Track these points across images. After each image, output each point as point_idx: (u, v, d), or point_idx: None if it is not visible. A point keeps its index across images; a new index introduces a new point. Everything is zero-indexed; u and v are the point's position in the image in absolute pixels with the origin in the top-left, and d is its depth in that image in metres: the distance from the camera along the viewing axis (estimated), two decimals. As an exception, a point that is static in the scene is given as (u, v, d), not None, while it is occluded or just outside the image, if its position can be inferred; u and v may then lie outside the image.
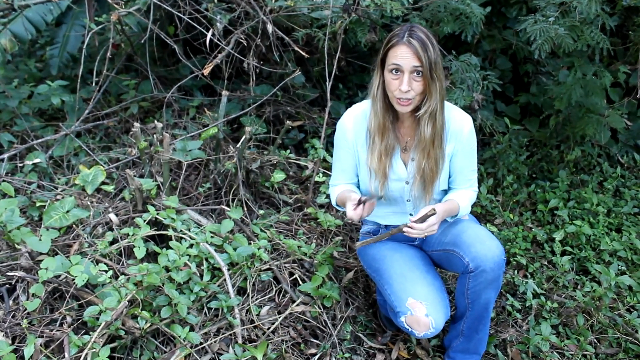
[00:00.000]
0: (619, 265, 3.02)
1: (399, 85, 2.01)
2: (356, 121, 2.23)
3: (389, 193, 2.25)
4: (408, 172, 2.23)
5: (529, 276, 3.00)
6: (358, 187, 2.37)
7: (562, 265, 2.97)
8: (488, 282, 2.10)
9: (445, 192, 2.32)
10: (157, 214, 2.62)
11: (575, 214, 3.42)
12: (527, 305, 2.77)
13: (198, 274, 2.46)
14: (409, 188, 2.25)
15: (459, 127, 2.17)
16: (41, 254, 2.48)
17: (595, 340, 2.64)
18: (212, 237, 2.64)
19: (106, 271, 2.25)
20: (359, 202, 2.08)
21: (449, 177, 2.28)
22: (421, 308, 2.09)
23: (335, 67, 3.28)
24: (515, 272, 2.97)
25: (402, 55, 1.99)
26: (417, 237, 2.02)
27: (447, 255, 2.22)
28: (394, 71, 2.02)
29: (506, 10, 3.90)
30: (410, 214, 2.32)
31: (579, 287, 2.95)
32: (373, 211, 2.40)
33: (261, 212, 3.07)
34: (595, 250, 3.19)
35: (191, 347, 2.23)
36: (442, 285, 2.23)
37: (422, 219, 2.01)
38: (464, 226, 2.21)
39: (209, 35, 3.20)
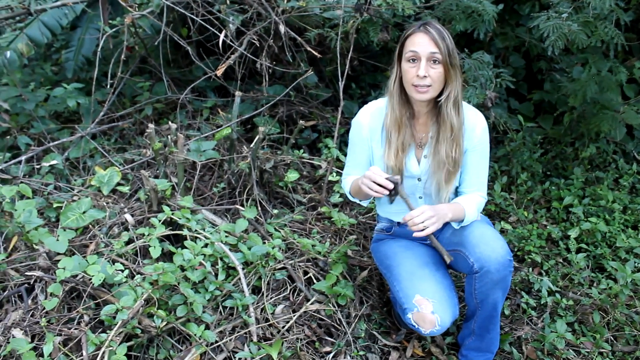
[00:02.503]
0: (635, 262, 2.99)
1: (416, 72, 2.03)
2: (372, 118, 2.25)
3: (402, 189, 2.26)
4: (421, 169, 2.23)
5: (544, 274, 2.98)
6: None
7: (578, 262, 2.95)
8: (494, 283, 2.09)
9: (456, 194, 2.33)
10: (172, 214, 2.64)
11: (590, 211, 3.40)
12: (542, 302, 2.75)
13: (213, 273, 2.48)
14: (421, 185, 2.26)
15: (472, 125, 2.18)
16: (58, 254, 2.51)
17: (611, 337, 2.62)
18: (226, 236, 2.65)
19: (122, 271, 2.28)
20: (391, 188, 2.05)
21: (460, 176, 2.28)
22: (428, 305, 2.10)
23: (347, 66, 3.29)
24: (530, 269, 2.95)
25: (420, 42, 2.03)
26: (417, 230, 2.01)
27: (455, 255, 2.22)
28: (411, 60, 2.05)
29: (519, 8, 3.88)
30: None
31: (594, 284, 2.92)
32: (387, 207, 2.41)
33: (275, 211, 3.08)
34: (611, 247, 3.17)
35: (207, 346, 2.25)
36: (451, 284, 2.23)
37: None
38: (472, 226, 2.20)
39: (222, 36, 3.22)
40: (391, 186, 2.01)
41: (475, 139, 2.19)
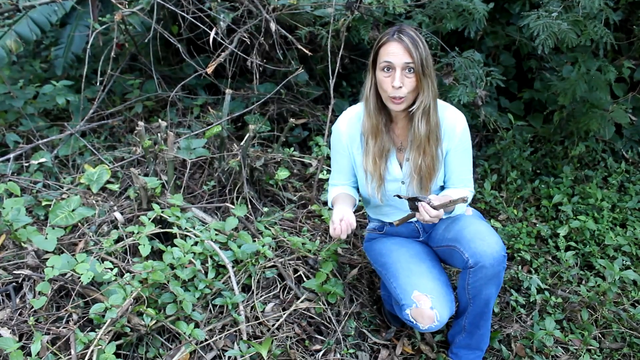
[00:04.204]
0: (623, 260, 3.02)
1: (392, 82, 2.03)
2: (350, 124, 2.25)
3: (386, 193, 2.27)
4: (403, 172, 2.24)
5: (533, 271, 3.00)
6: (357, 187, 2.40)
7: (567, 260, 2.97)
8: (488, 278, 2.10)
9: (442, 189, 2.33)
10: (162, 212, 2.63)
11: (579, 210, 3.42)
12: (531, 300, 2.77)
13: (203, 272, 2.47)
14: (405, 187, 2.26)
15: (452, 126, 2.19)
16: (47, 252, 2.50)
17: (599, 334, 2.64)
18: (216, 234, 2.65)
19: (111, 269, 2.27)
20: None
21: (444, 176, 2.29)
22: (426, 301, 2.10)
23: (338, 64, 3.29)
24: (520, 267, 2.97)
25: (393, 52, 2.01)
26: (424, 220, 2.02)
27: (450, 251, 2.23)
28: (385, 69, 2.04)
29: (509, 6, 3.89)
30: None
31: (583, 282, 2.94)
32: (376, 209, 2.42)
33: (265, 209, 3.08)
34: (599, 245, 3.19)
35: (196, 344, 2.24)
36: (447, 280, 2.24)
37: (444, 205, 2.01)
38: (466, 222, 2.21)
39: (213, 34, 3.21)
40: (344, 236, 2.08)
41: (456, 139, 2.20)
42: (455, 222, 2.26)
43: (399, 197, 2.10)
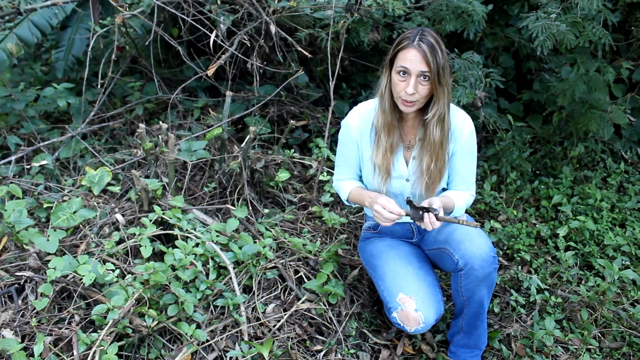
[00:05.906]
0: (622, 259, 3.03)
1: (405, 88, 2.04)
2: (361, 119, 2.26)
3: (390, 190, 2.28)
4: (409, 170, 2.25)
5: (533, 272, 3.01)
6: (361, 181, 2.42)
7: (566, 260, 2.98)
8: (479, 280, 2.11)
9: (444, 190, 2.35)
10: (163, 213, 2.64)
11: (578, 210, 3.43)
12: (531, 300, 2.78)
13: (204, 273, 2.48)
14: (409, 185, 2.28)
15: (460, 128, 2.20)
16: (49, 254, 2.50)
17: (599, 334, 2.65)
18: (217, 236, 2.66)
19: (113, 270, 2.28)
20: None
21: (448, 177, 2.31)
22: (411, 303, 2.12)
23: (338, 66, 3.30)
24: (519, 267, 2.98)
25: (411, 59, 2.01)
26: (425, 227, 2.04)
27: (441, 253, 2.25)
28: (401, 73, 2.04)
29: (508, 8, 3.91)
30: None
31: (582, 282, 2.95)
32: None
33: (266, 211, 3.09)
34: (599, 245, 3.20)
35: (198, 345, 2.25)
36: (434, 281, 2.26)
37: (450, 220, 2.05)
38: (457, 225, 2.23)
39: (213, 36, 3.22)
40: (403, 213, 2.08)
41: (463, 141, 2.21)
42: (447, 225, 2.28)
43: (410, 201, 2.10)
